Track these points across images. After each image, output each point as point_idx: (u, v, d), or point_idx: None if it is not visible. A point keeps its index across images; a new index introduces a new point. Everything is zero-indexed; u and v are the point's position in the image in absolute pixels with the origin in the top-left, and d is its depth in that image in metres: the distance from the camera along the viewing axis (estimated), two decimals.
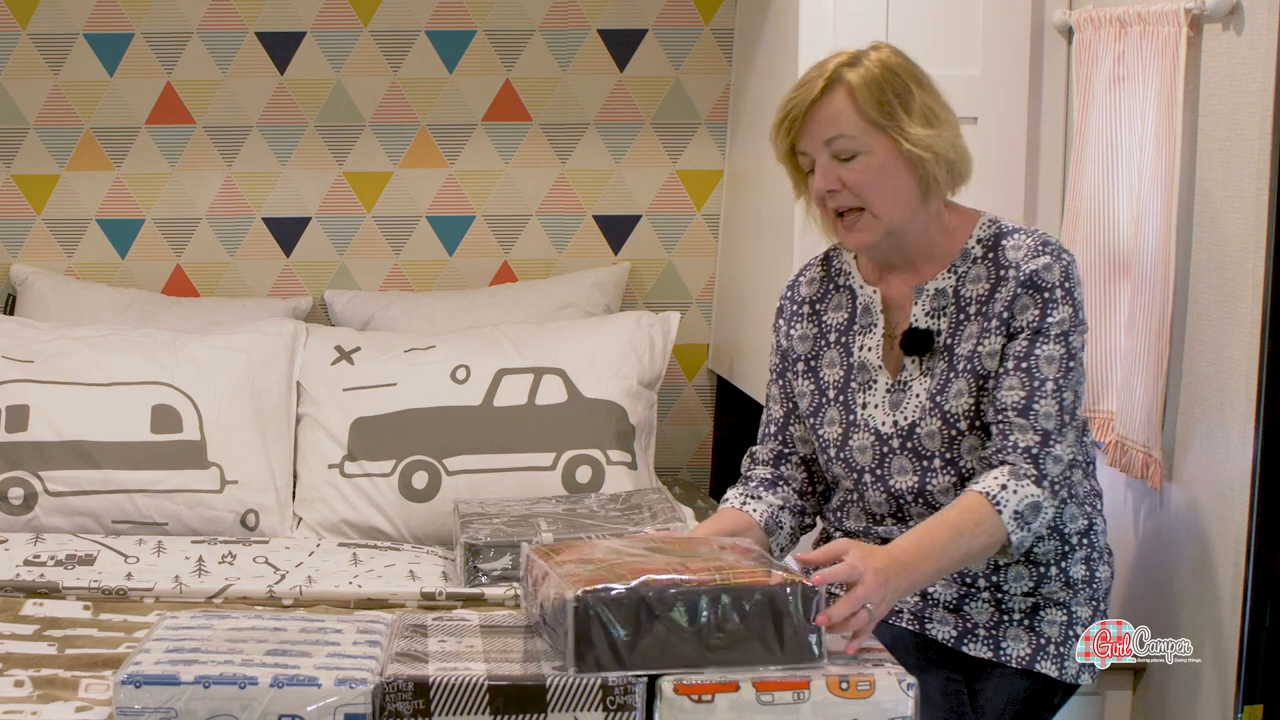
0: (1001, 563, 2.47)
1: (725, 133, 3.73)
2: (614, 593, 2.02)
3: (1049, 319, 2.37)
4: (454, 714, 2.03)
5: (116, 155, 3.67)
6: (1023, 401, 2.36)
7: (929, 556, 2.28)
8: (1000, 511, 2.31)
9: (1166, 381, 2.64)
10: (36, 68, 3.61)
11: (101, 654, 2.34)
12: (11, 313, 3.59)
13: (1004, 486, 2.32)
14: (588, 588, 2.02)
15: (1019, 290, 2.39)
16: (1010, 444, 2.35)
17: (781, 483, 2.58)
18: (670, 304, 3.76)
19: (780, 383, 2.61)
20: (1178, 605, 2.65)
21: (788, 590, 2.06)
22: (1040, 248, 2.40)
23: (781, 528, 2.53)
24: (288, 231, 3.73)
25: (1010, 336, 2.39)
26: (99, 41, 3.61)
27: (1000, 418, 2.37)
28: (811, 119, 2.40)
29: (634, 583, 2.04)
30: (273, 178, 3.70)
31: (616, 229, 3.77)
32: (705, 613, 2.03)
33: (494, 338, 3.38)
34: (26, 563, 2.88)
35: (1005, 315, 2.39)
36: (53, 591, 2.65)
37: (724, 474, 3.54)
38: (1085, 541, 2.52)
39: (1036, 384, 2.36)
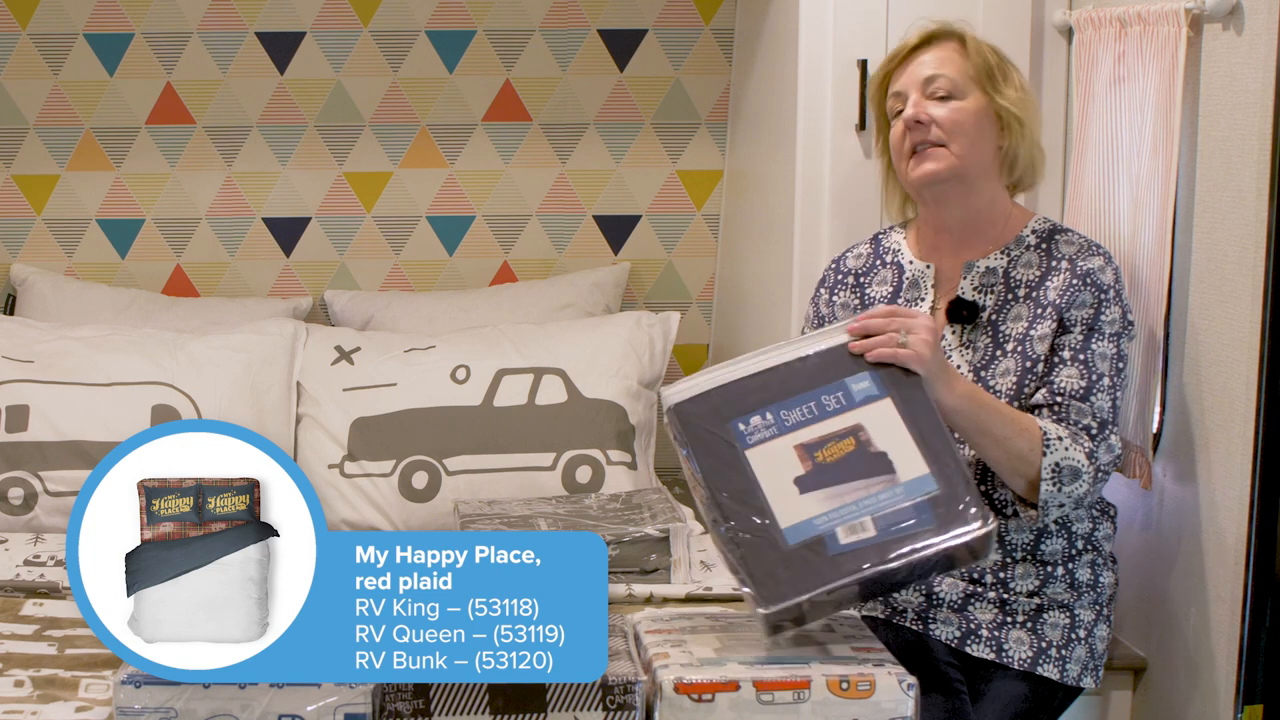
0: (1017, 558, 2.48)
1: (725, 133, 3.72)
2: None
3: (1103, 317, 2.44)
4: (454, 714, 2.03)
5: (116, 155, 3.66)
6: (1082, 390, 2.42)
7: (978, 392, 2.36)
8: (1045, 453, 2.36)
9: (1163, 381, 2.64)
10: (36, 68, 3.61)
11: (101, 654, 2.34)
12: (11, 313, 3.59)
13: (1060, 438, 2.38)
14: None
15: (1074, 282, 2.45)
16: (1070, 422, 2.41)
17: None
18: (670, 304, 3.76)
19: None
20: (1177, 605, 2.65)
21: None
22: (1095, 247, 2.50)
23: None
24: (288, 231, 3.73)
25: (1064, 327, 2.44)
26: (99, 41, 3.61)
27: (1057, 400, 2.42)
28: (916, 59, 2.49)
29: None
30: (273, 178, 3.70)
31: (616, 229, 3.77)
32: None
33: (494, 338, 3.38)
34: (26, 563, 2.88)
35: (1060, 304, 2.45)
36: (53, 591, 2.65)
37: None
38: (1092, 545, 2.53)
39: (1095, 377, 2.42)
